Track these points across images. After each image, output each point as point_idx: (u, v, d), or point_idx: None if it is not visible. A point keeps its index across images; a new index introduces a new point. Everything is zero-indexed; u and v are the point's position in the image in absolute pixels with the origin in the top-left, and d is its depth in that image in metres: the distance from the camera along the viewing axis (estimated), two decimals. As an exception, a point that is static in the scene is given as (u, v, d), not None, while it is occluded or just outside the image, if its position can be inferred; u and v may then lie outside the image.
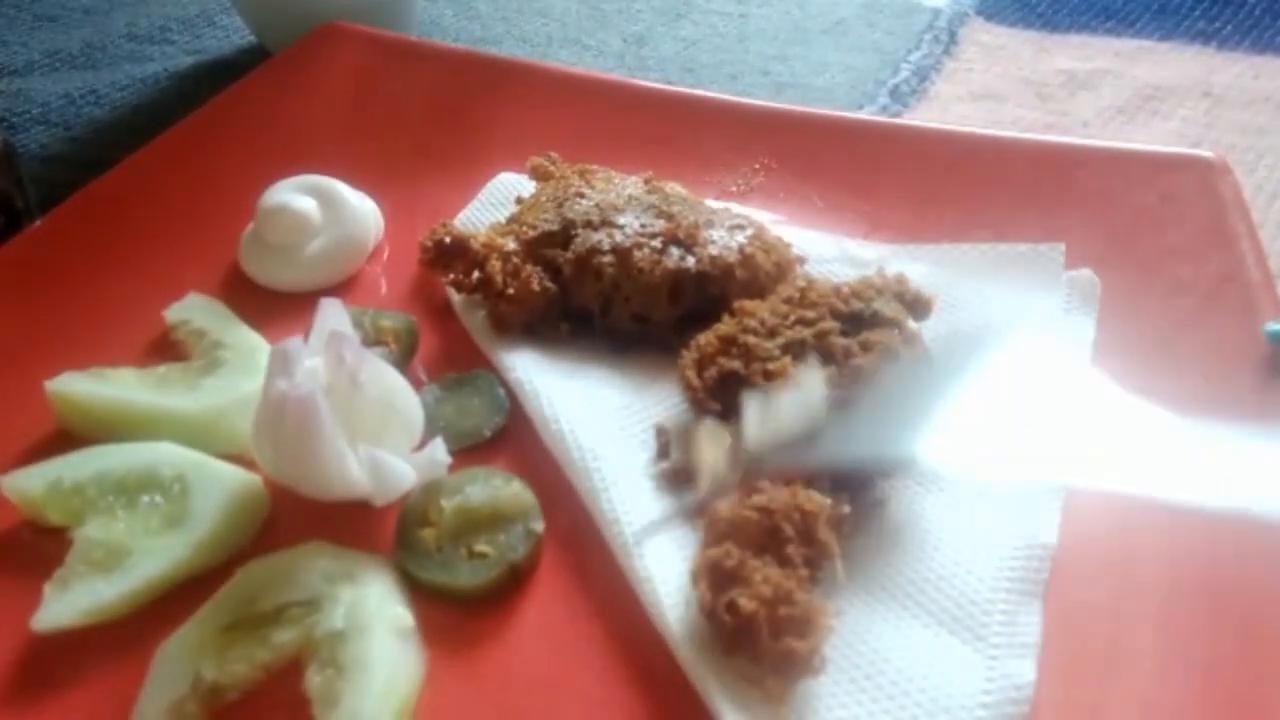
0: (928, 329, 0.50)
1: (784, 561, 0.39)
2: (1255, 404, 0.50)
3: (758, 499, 0.41)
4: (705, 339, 0.49)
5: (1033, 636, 0.41)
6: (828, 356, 0.46)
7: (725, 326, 0.49)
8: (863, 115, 0.80)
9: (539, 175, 0.63)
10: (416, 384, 0.51)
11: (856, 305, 0.48)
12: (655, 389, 0.52)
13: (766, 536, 0.40)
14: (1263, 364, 0.51)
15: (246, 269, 0.61)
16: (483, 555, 0.44)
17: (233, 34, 0.99)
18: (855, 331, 0.47)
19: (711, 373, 0.47)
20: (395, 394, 0.47)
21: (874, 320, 0.47)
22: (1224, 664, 0.40)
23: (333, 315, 0.49)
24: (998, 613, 0.41)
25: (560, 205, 0.58)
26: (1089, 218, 0.61)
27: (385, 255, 0.64)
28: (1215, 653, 0.40)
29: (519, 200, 0.63)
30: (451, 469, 0.48)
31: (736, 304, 0.50)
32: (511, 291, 0.54)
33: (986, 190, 0.63)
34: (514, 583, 0.44)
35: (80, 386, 0.51)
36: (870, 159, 0.67)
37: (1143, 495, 0.46)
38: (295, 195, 0.61)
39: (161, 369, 0.54)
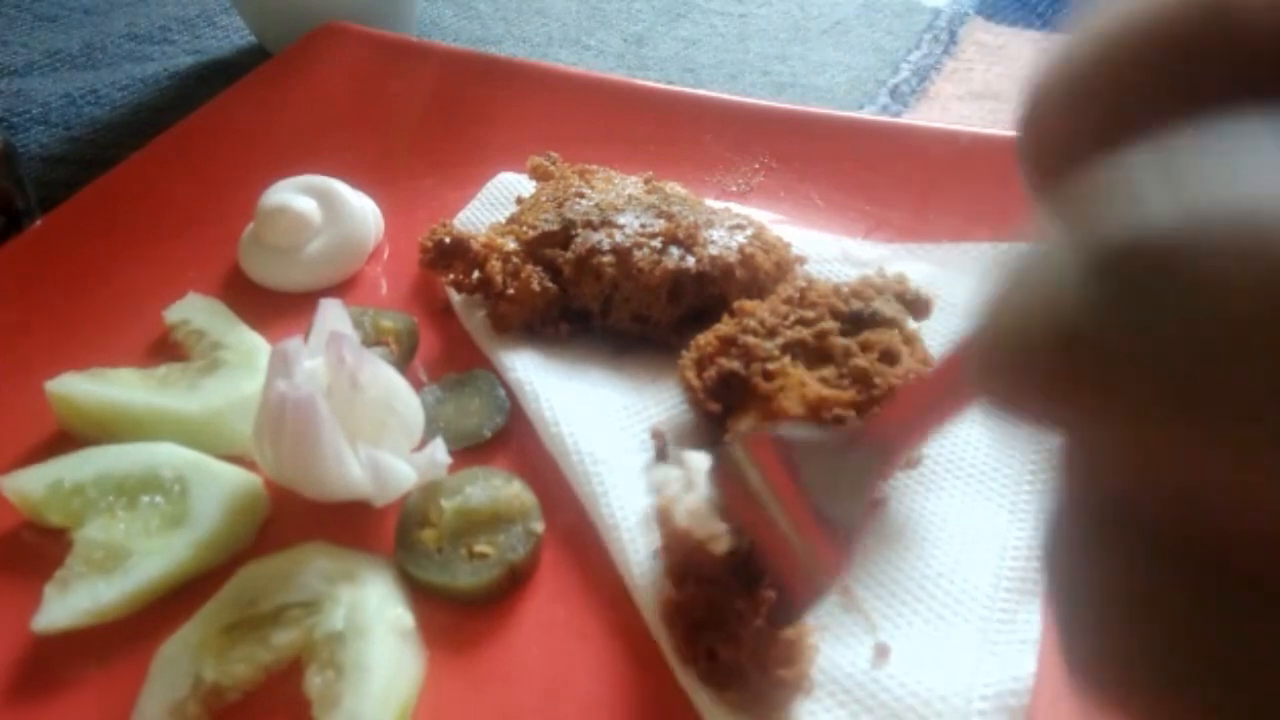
0: (927, 328, 0.50)
1: (755, 595, 0.37)
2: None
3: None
4: (705, 339, 0.49)
5: (1033, 633, 0.41)
6: (827, 356, 0.46)
7: (725, 326, 0.49)
8: (863, 115, 0.80)
9: (539, 175, 0.63)
10: (416, 384, 0.51)
11: (856, 305, 0.48)
12: (655, 389, 0.52)
13: (731, 567, 0.37)
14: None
15: (246, 269, 0.61)
16: (483, 556, 0.44)
17: (233, 34, 0.99)
18: (855, 331, 0.47)
19: (711, 373, 0.47)
20: (395, 394, 0.47)
21: (874, 320, 0.47)
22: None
23: (333, 315, 0.49)
24: (998, 609, 0.41)
25: (560, 205, 0.58)
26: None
27: (385, 255, 0.64)
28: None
29: (519, 200, 0.63)
30: (451, 469, 0.48)
31: (736, 304, 0.50)
32: (511, 291, 0.54)
33: (986, 190, 0.63)
34: (514, 583, 0.44)
35: (80, 387, 0.51)
36: (870, 159, 0.67)
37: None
38: (295, 196, 0.61)
39: (162, 369, 0.54)
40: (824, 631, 0.41)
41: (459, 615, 0.43)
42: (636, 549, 0.44)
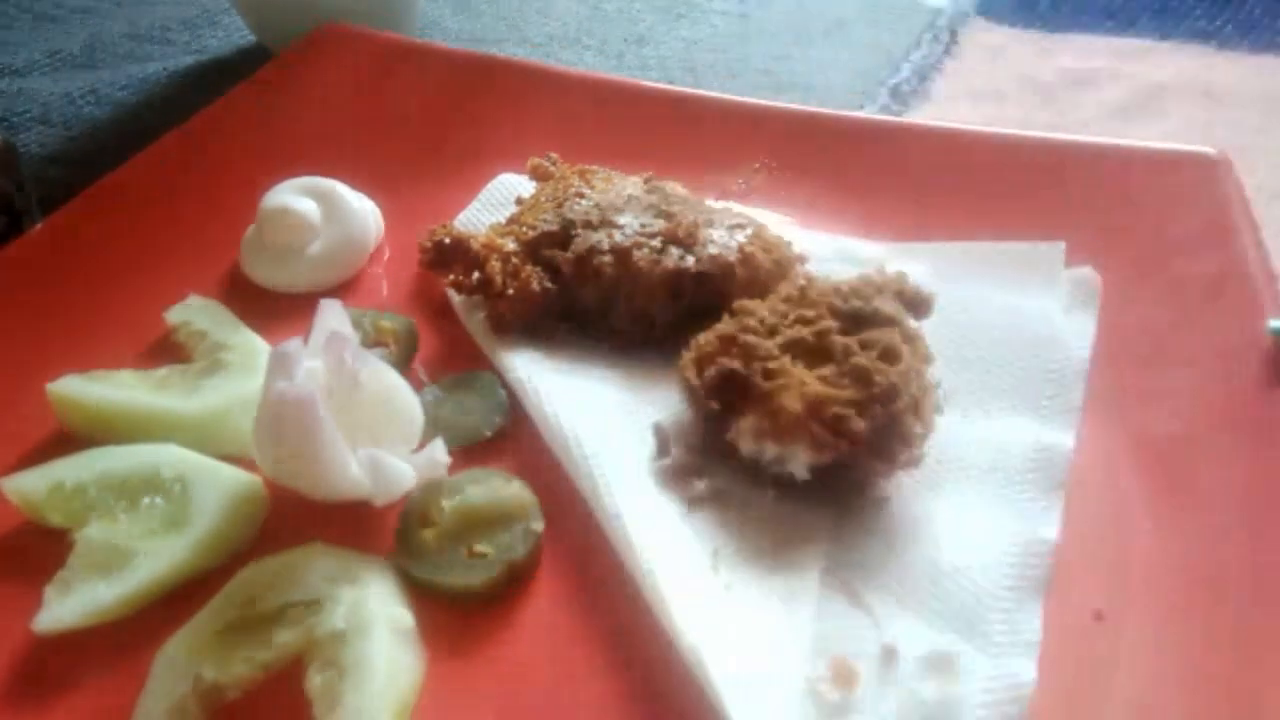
0: (928, 326, 0.50)
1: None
2: (1258, 400, 0.49)
3: None
4: (705, 339, 0.49)
5: (1033, 635, 0.41)
6: (827, 355, 0.46)
7: (725, 326, 0.49)
8: (863, 115, 0.80)
9: (539, 175, 0.63)
10: (416, 385, 0.51)
11: (856, 303, 0.48)
12: (655, 389, 0.52)
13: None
14: (1265, 360, 0.51)
15: (247, 271, 0.62)
16: (483, 555, 0.44)
17: (233, 34, 0.99)
18: (855, 330, 0.47)
19: (711, 372, 0.47)
20: (395, 395, 0.47)
21: (874, 318, 0.47)
22: (1223, 663, 0.40)
23: (332, 316, 0.49)
24: (999, 610, 0.41)
25: (560, 205, 0.58)
26: (1090, 215, 0.61)
27: (385, 256, 0.64)
28: (1214, 652, 0.40)
29: (519, 200, 0.63)
30: (451, 469, 0.48)
31: (736, 303, 0.50)
32: (511, 292, 0.54)
33: (987, 189, 0.63)
34: (514, 583, 0.44)
35: (81, 388, 0.51)
36: (870, 159, 0.67)
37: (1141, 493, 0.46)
38: (296, 197, 0.61)
39: (162, 371, 0.54)
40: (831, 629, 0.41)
41: (459, 615, 0.44)
42: (639, 533, 0.43)
